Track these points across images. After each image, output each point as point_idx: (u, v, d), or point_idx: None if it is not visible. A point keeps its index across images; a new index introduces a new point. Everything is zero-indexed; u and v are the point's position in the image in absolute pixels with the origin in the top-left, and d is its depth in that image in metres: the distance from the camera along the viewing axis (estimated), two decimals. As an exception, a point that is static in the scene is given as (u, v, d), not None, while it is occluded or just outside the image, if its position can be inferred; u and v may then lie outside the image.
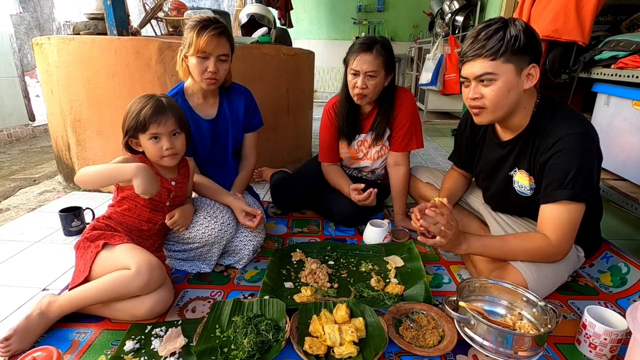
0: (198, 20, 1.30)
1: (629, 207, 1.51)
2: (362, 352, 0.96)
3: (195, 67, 1.31)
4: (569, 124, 1.08)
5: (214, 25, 1.29)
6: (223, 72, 1.35)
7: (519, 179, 1.21)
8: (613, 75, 1.70)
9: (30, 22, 4.49)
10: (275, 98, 2.39)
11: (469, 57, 1.08)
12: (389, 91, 1.65)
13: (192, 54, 1.30)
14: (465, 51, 1.09)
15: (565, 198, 1.04)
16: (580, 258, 1.26)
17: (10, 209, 2.00)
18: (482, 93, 1.09)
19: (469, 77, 1.10)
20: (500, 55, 1.03)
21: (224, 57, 1.34)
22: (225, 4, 6.04)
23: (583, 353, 1.00)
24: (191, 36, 1.28)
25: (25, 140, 3.67)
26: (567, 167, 1.04)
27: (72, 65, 2.00)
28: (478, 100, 1.10)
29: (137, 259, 1.04)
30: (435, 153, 3.35)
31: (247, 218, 1.34)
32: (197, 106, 1.44)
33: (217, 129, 1.49)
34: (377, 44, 1.54)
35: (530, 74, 1.08)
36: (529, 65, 1.06)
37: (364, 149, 1.78)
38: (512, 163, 1.22)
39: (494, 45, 1.03)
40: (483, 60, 1.05)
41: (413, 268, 1.37)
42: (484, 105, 1.10)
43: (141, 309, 1.06)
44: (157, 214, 1.23)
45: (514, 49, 1.03)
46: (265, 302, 1.13)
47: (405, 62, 6.60)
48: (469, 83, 1.12)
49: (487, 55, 1.04)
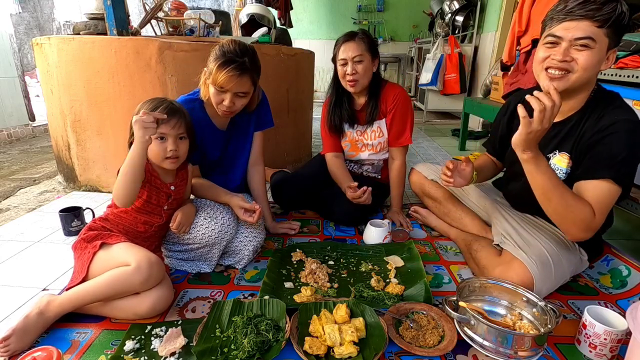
0: (222, 52, 1.25)
1: (629, 207, 1.51)
2: (362, 352, 0.96)
3: (213, 97, 1.30)
4: (625, 111, 1.07)
5: (237, 64, 1.23)
6: (240, 106, 1.34)
7: (557, 162, 1.18)
8: (613, 75, 1.70)
9: (30, 22, 4.49)
10: (275, 98, 2.38)
11: (576, 16, 1.00)
12: (376, 77, 1.72)
13: (211, 84, 1.28)
14: (571, 9, 1.01)
15: (609, 177, 1.02)
16: (584, 262, 1.25)
17: (10, 209, 2.00)
18: (573, 57, 1.03)
19: (564, 37, 1.03)
20: (608, 26, 1.00)
21: (242, 94, 1.31)
22: (225, 4, 6.03)
23: (583, 353, 1.00)
24: (212, 67, 1.25)
25: (25, 140, 3.67)
26: (619, 148, 1.02)
27: (72, 65, 2.00)
28: (567, 63, 1.04)
29: (136, 255, 1.04)
30: (436, 153, 3.35)
31: (247, 214, 1.34)
32: (213, 115, 1.43)
33: (230, 138, 1.51)
34: (357, 33, 1.65)
35: (609, 58, 1.06)
36: (614, 48, 1.05)
37: (364, 139, 1.81)
38: (555, 145, 1.19)
39: (608, 13, 0.99)
40: (591, 24, 0.99)
41: (413, 268, 1.37)
42: (571, 69, 1.04)
43: (142, 307, 1.06)
44: (153, 217, 1.23)
45: (618, 25, 1.00)
46: (265, 302, 1.13)
47: (405, 62, 6.59)
48: (557, 44, 1.05)
49: (598, 19, 0.98)
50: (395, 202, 1.83)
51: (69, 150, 2.19)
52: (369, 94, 1.73)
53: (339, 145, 1.86)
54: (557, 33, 1.04)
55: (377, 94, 1.73)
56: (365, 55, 1.61)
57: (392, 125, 1.74)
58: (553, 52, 1.06)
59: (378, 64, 1.71)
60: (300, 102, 2.64)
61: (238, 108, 1.34)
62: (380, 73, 1.77)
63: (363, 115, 1.77)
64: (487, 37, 4.41)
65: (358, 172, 1.92)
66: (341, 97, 1.76)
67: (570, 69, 1.05)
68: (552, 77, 1.07)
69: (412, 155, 3.18)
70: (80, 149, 2.15)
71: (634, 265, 1.30)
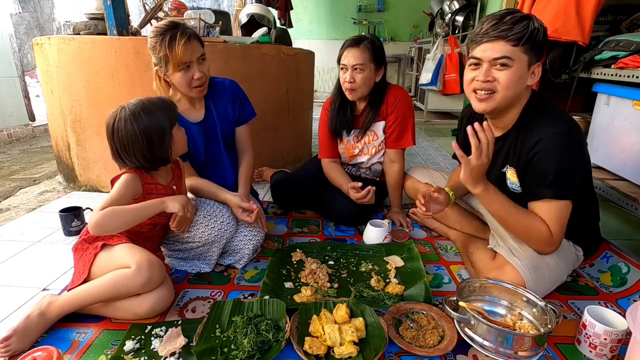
0: (159, 35, 1.23)
1: (629, 207, 1.51)
2: (362, 352, 0.96)
3: (181, 81, 1.28)
4: (550, 123, 1.09)
5: (179, 32, 1.23)
6: (207, 72, 1.33)
7: (510, 176, 1.21)
8: (613, 75, 1.70)
9: (30, 22, 4.49)
10: (275, 98, 2.39)
11: (491, 38, 1.05)
12: (380, 87, 1.69)
13: (173, 70, 1.26)
14: (486, 31, 1.06)
15: (549, 196, 1.06)
16: (579, 257, 1.26)
17: (10, 209, 2.00)
18: (494, 77, 1.08)
19: (483, 58, 1.08)
20: (523, 44, 1.03)
21: (202, 57, 1.31)
22: (225, 4, 6.03)
23: (583, 353, 1.00)
24: (163, 53, 1.23)
25: (25, 140, 3.67)
26: (549, 166, 1.05)
27: (72, 65, 2.00)
28: (490, 83, 1.09)
29: (136, 257, 1.04)
30: (435, 153, 3.35)
31: (245, 214, 1.34)
32: (184, 111, 1.40)
33: (207, 131, 1.46)
34: (365, 40, 1.60)
35: (534, 72, 1.09)
36: (536, 62, 1.08)
37: (360, 145, 1.80)
38: (502, 160, 1.23)
39: (520, 32, 1.02)
40: (505, 44, 1.04)
41: (413, 268, 1.37)
42: (495, 89, 1.09)
43: (143, 307, 1.06)
44: (159, 217, 1.21)
45: (533, 42, 1.04)
46: (265, 302, 1.13)
47: (405, 62, 6.59)
48: (479, 65, 1.10)
49: (511, 39, 1.03)
50: (395, 203, 1.83)
51: (69, 150, 2.19)
52: (369, 100, 1.71)
53: (335, 150, 1.85)
54: (477, 55, 1.10)
55: (379, 101, 1.71)
56: (367, 65, 1.59)
57: (393, 128, 1.72)
58: (476, 73, 1.11)
59: (384, 73, 1.68)
60: (300, 102, 2.64)
61: (207, 75, 1.33)
62: (386, 80, 1.74)
63: (361, 120, 1.76)
64: (487, 37, 4.40)
65: (356, 175, 1.91)
66: (345, 101, 1.73)
67: (494, 88, 1.09)
68: (480, 98, 1.12)
69: (412, 155, 3.18)
70: (80, 149, 2.15)
71: (633, 262, 1.30)
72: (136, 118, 1.08)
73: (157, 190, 1.18)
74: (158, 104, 1.13)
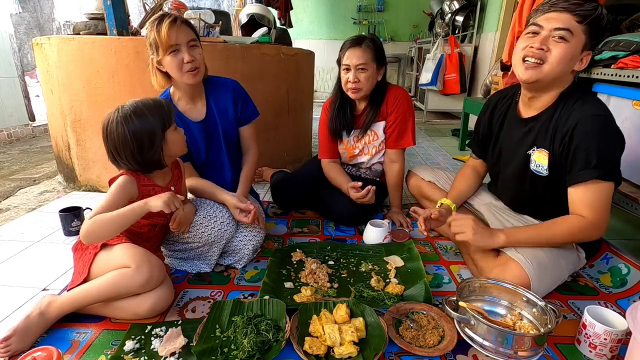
0: (151, 22, 1.27)
1: (629, 207, 1.51)
2: (362, 352, 0.96)
3: (172, 64, 1.28)
4: (592, 105, 1.09)
5: (167, 17, 1.25)
6: (199, 57, 1.32)
7: (537, 158, 1.20)
8: (613, 75, 1.70)
9: (30, 22, 4.49)
10: (275, 98, 2.39)
11: (559, 8, 1.05)
12: (380, 86, 1.70)
13: (163, 54, 1.27)
14: (555, 1, 1.07)
15: (595, 177, 1.05)
16: (581, 259, 1.25)
17: (10, 209, 2.00)
18: (549, 47, 1.07)
19: (545, 26, 1.07)
20: (586, 23, 1.04)
21: (193, 43, 1.30)
22: (225, 4, 6.03)
23: (583, 353, 1.00)
24: (153, 38, 1.25)
25: (25, 140, 3.67)
26: (593, 147, 1.05)
27: (72, 65, 2.00)
28: (542, 52, 1.07)
29: (136, 257, 1.04)
30: (435, 153, 3.35)
31: (242, 214, 1.34)
32: (185, 110, 1.41)
33: (208, 130, 1.46)
34: (366, 39, 1.61)
35: (583, 60, 1.09)
36: (589, 50, 1.08)
37: (360, 145, 1.80)
38: (532, 141, 1.21)
39: (588, 10, 1.03)
40: (571, 18, 1.04)
41: (413, 268, 1.37)
42: (545, 59, 1.08)
43: (143, 307, 1.06)
44: (158, 218, 1.22)
45: (596, 26, 1.04)
46: (265, 302, 1.13)
47: (405, 62, 6.59)
48: (537, 34, 1.09)
49: (578, 13, 1.04)
50: (395, 203, 1.83)
51: (69, 150, 2.19)
52: (370, 100, 1.72)
53: (335, 150, 1.85)
54: (539, 22, 1.09)
55: (379, 100, 1.71)
56: (369, 64, 1.59)
57: (393, 128, 1.73)
58: (532, 41, 1.10)
59: (384, 72, 1.69)
60: (300, 102, 2.64)
61: (200, 62, 1.32)
62: (386, 80, 1.75)
63: (361, 120, 1.76)
64: (487, 37, 4.41)
65: (356, 175, 1.91)
66: (345, 101, 1.74)
67: (545, 58, 1.08)
68: (528, 66, 1.11)
69: (412, 155, 3.18)
70: (80, 149, 2.15)
71: (633, 263, 1.30)
72: (127, 121, 1.07)
73: (154, 191, 1.17)
74: (151, 106, 1.11)
